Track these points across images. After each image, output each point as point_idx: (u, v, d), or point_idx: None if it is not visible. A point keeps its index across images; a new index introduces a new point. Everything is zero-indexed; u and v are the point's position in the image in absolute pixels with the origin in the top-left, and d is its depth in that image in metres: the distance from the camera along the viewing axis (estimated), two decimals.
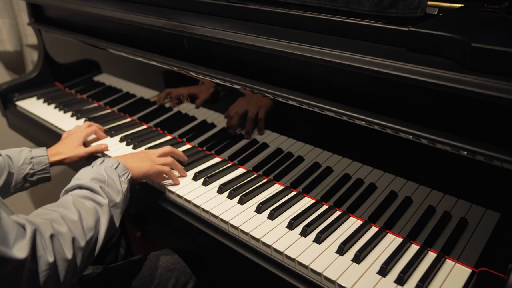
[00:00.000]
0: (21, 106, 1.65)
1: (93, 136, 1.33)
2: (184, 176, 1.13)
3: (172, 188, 1.08)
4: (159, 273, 1.06)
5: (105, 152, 1.27)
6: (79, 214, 0.78)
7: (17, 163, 1.09)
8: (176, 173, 1.12)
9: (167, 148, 1.12)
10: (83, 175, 0.89)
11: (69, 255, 0.72)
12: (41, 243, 0.68)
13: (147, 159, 1.06)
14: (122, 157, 1.07)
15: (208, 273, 1.17)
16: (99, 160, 0.97)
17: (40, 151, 1.15)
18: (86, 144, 1.26)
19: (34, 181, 1.12)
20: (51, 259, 0.68)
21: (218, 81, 1.12)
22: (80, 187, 0.87)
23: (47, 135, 1.49)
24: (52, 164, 1.16)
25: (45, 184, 1.16)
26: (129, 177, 0.96)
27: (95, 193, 0.85)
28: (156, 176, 1.07)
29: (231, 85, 1.09)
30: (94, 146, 1.26)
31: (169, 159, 1.10)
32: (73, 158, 1.19)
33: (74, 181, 0.88)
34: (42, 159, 1.13)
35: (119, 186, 0.91)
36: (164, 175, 1.09)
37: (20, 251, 0.63)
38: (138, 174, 1.02)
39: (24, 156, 1.11)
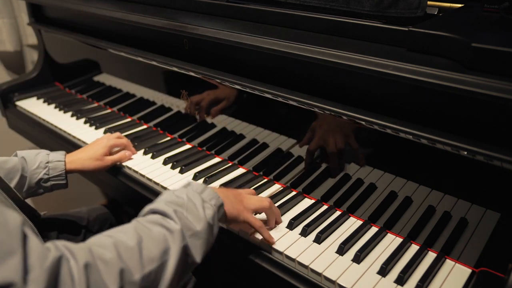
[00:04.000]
0: (21, 106, 1.65)
1: (117, 149, 1.22)
2: (279, 222, 0.95)
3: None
4: None
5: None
6: (138, 240, 0.63)
7: (32, 166, 1.02)
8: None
9: (266, 203, 0.90)
10: (160, 198, 0.76)
11: None
12: (68, 274, 0.54)
13: (241, 203, 0.87)
14: (217, 189, 0.87)
15: (208, 273, 1.17)
16: (184, 184, 0.82)
17: (58, 155, 1.07)
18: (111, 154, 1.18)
19: (48, 187, 1.06)
20: None
21: (218, 81, 1.12)
22: (153, 211, 0.72)
23: (47, 135, 1.49)
24: (70, 171, 1.08)
25: None
26: (219, 203, 0.78)
27: (166, 218, 0.70)
28: (241, 225, 0.89)
29: (231, 85, 1.09)
30: (117, 155, 1.16)
31: (258, 222, 0.88)
32: (90, 168, 1.10)
33: (149, 205, 0.75)
34: (58, 164, 1.05)
35: (201, 212, 0.73)
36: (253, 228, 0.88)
37: (34, 283, 0.50)
38: (228, 213, 0.82)
39: (40, 159, 1.04)
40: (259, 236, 0.89)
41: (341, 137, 0.95)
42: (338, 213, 0.97)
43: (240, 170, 1.16)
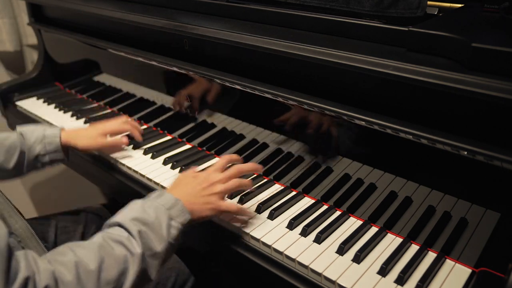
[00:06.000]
0: (21, 106, 1.65)
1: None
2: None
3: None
4: None
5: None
6: (99, 263, 0.67)
7: (29, 142, 1.06)
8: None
9: (235, 183, 0.91)
10: (129, 211, 0.78)
11: None
12: None
13: (212, 196, 0.88)
14: (184, 189, 0.88)
15: (207, 272, 1.17)
16: (155, 193, 0.83)
17: (54, 131, 1.10)
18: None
19: (47, 162, 1.09)
20: None
21: (218, 81, 1.12)
22: (120, 225, 0.75)
23: None
24: (65, 146, 1.11)
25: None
26: (186, 221, 0.81)
27: (131, 237, 0.73)
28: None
29: (231, 85, 1.09)
30: (112, 139, 1.16)
31: (233, 206, 0.91)
32: (86, 147, 1.13)
33: (117, 216, 0.77)
34: (54, 139, 1.09)
35: (164, 232, 0.76)
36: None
37: None
38: (200, 217, 0.86)
39: (36, 135, 1.07)
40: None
41: (340, 135, 0.95)
42: (338, 213, 0.97)
43: None
